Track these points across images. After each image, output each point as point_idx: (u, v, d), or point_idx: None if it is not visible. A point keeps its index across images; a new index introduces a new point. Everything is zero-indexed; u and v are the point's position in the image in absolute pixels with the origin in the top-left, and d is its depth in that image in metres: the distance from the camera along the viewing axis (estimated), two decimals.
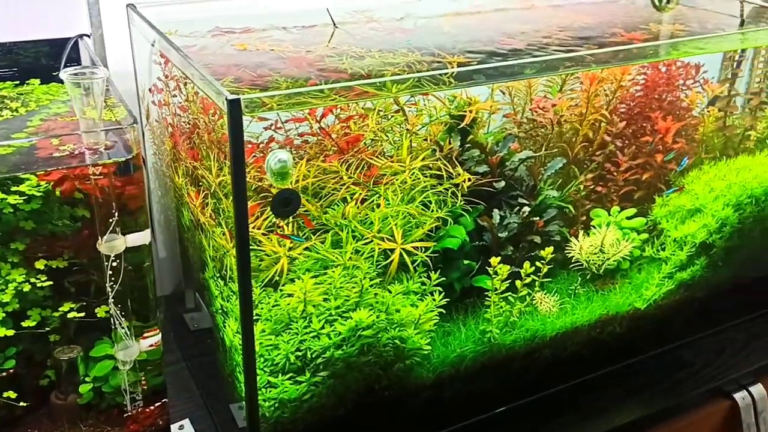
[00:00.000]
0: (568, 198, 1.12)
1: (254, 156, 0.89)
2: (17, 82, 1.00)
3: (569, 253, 1.09)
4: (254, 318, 0.86)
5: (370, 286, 0.91)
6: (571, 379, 1.14)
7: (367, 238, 0.89)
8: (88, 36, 1.03)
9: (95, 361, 0.90)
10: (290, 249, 0.87)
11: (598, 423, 1.10)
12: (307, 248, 0.88)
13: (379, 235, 0.89)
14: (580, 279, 1.12)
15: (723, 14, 1.40)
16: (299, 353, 0.88)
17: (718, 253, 1.19)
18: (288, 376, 0.88)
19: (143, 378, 0.92)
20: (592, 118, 1.10)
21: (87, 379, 0.90)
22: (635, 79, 1.17)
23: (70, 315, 0.87)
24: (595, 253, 1.10)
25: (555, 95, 1.12)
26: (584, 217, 1.13)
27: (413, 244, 0.91)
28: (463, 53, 1.03)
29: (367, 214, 0.90)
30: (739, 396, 1.20)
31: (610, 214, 1.14)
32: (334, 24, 1.11)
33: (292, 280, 0.88)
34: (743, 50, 1.25)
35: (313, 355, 0.88)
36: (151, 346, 0.91)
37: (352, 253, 0.89)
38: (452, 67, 0.96)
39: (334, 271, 0.88)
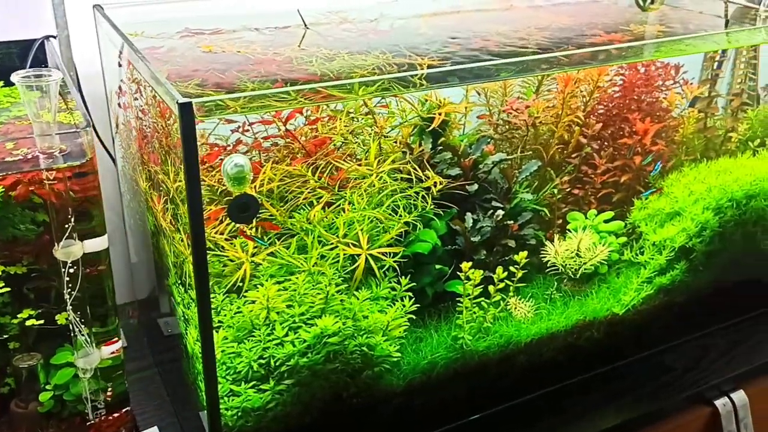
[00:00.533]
0: (543, 201, 1.10)
1: (221, 159, 0.87)
2: None
3: (545, 257, 1.07)
4: (215, 326, 0.84)
5: (337, 292, 0.89)
6: (549, 385, 1.12)
7: (332, 243, 0.87)
8: (54, 37, 1.01)
9: (56, 368, 0.88)
10: (254, 255, 0.86)
11: (580, 427, 1.09)
12: (271, 254, 0.87)
13: (345, 240, 0.87)
14: (556, 284, 1.10)
15: (707, 14, 1.38)
16: (262, 361, 0.86)
17: (698, 257, 1.17)
18: (251, 384, 0.87)
19: (107, 386, 0.91)
20: (567, 119, 1.09)
21: (47, 387, 0.88)
22: (613, 80, 1.15)
23: (29, 322, 0.85)
24: (572, 258, 1.09)
25: (530, 97, 1.10)
26: (560, 221, 1.12)
27: (379, 249, 0.89)
28: (435, 55, 1.01)
29: (333, 219, 0.88)
30: (720, 402, 1.18)
31: (587, 218, 1.12)
32: (306, 25, 1.09)
33: (257, 287, 0.86)
34: (724, 51, 1.23)
35: (277, 363, 0.87)
36: (113, 353, 0.89)
37: (317, 258, 0.88)
38: (422, 69, 0.94)
39: (298, 277, 0.86)
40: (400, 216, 0.92)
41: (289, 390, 0.89)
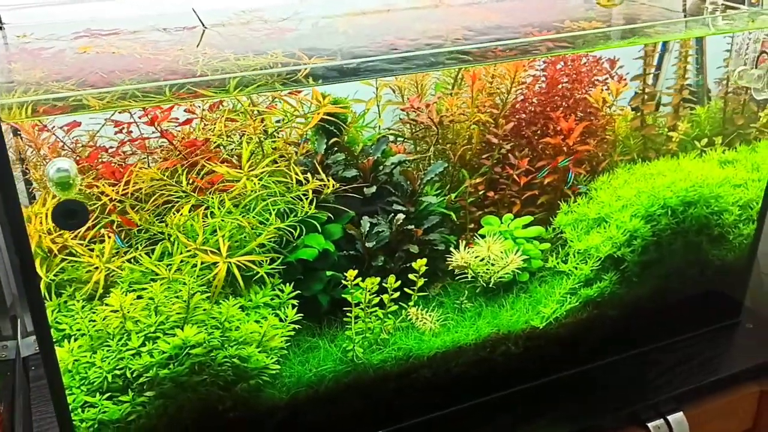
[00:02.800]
0: (455, 204, 1.04)
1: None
2: None
3: (449, 264, 1.01)
4: (69, 333, 0.82)
5: (203, 299, 0.85)
6: (459, 403, 1.06)
7: (190, 250, 0.83)
8: None
9: None
10: (108, 261, 0.82)
11: None
12: (129, 260, 0.83)
13: (203, 247, 0.83)
14: (467, 293, 1.04)
15: (663, 8, 1.29)
16: (118, 372, 0.83)
17: (630, 268, 1.09)
18: (107, 395, 0.83)
19: None
20: (476, 118, 1.02)
21: None
22: (535, 77, 1.08)
23: None
24: (483, 265, 1.02)
25: (437, 93, 1.05)
26: (473, 225, 1.05)
27: (242, 258, 0.85)
28: (340, 54, 0.97)
29: (195, 224, 0.85)
30: (654, 425, 1.09)
31: (502, 222, 1.06)
32: (203, 25, 1.06)
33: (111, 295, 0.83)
34: (664, 46, 1.15)
35: (134, 375, 0.83)
36: None
37: (179, 265, 0.84)
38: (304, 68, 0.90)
39: (154, 285, 0.83)
40: (270, 222, 0.87)
41: (151, 402, 0.85)
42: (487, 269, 1.03)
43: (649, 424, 1.09)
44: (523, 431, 1.04)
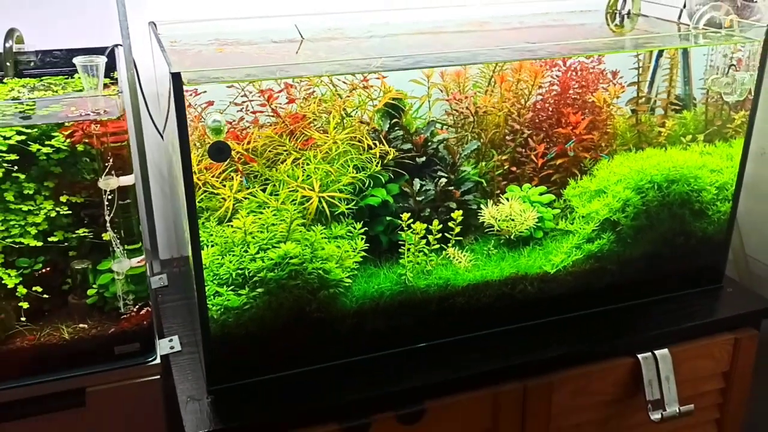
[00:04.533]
0: (485, 176, 1.37)
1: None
2: (67, 76, 1.38)
3: (480, 219, 1.33)
4: (205, 243, 1.17)
5: (300, 225, 1.20)
6: (485, 328, 1.37)
7: (292, 187, 1.18)
8: (120, 45, 1.40)
9: (100, 273, 1.23)
10: (237, 192, 1.18)
11: (506, 359, 1.32)
12: (250, 194, 1.19)
13: (302, 185, 1.18)
14: (493, 242, 1.35)
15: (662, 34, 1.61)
16: (239, 272, 1.18)
17: (624, 230, 1.39)
18: (231, 288, 1.18)
19: (134, 289, 1.24)
20: (505, 110, 1.35)
21: (94, 286, 1.23)
22: (552, 81, 1.41)
23: (84, 237, 1.20)
24: (506, 222, 1.34)
25: (474, 90, 1.38)
26: (499, 191, 1.37)
27: (330, 193, 1.19)
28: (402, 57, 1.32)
29: (295, 171, 1.20)
30: (643, 356, 1.37)
31: (521, 190, 1.37)
32: (302, 36, 1.43)
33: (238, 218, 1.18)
34: (657, 59, 1.46)
35: (250, 275, 1.18)
36: (138, 263, 1.23)
37: (284, 198, 1.19)
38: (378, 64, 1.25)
39: (266, 211, 1.18)
40: (348, 172, 1.21)
41: (260, 297, 1.19)
42: (508, 225, 1.34)
43: (639, 355, 1.38)
44: (535, 352, 1.34)
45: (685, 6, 1.52)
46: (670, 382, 1.39)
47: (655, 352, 1.39)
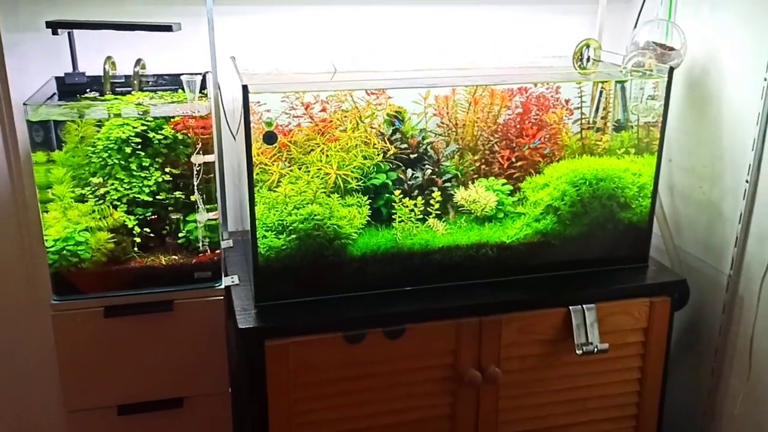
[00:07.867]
0: (462, 170, 1.89)
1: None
2: (173, 92, 1.99)
3: (455, 200, 1.85)
4: (256, 201, 1.73)
5: (322, 192, 1.75)
6: (458, 280, 1.87)
7: (319, 167, 1.74)
8: (210, 72, 2.00)
9: (187, 222, 1.81)
10: (282, 169, 1.74)
11: (473, 299, 1.81)
12: (290, 170, 1.75)
13: (325, 165, 1.73)
14: (464, 218, 1.87)
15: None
16: (280, 222, 1.73)
17: (564, 215, 1.88)
18: (274, 233, 1.73)
19: (210, 235, 1.81)
20: (475, 123, 1.88)
21: (183, 231, 1.81)
22: (516, 104, 1.93)
23: (179, 197, 1.79)
24: (473, 202, 1.85)
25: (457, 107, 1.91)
26: (471, 182, 1.89)
27: (343, 171, 1.74)
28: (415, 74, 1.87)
29: (321, 157, 1.75)
30: (574, 308, 1.84)
31: (487, 181, 1.89)
32: (335, 69, 2.00)
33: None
34: (601, 90, 1.96)
35: (287, 225, 1.73)
36: (213, 217, 1.80)
37: (312, 174, 1.74)
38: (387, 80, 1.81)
39: (299, 182, 1.73)
40: (358, 159, 1.76)
41: (293, 241, 1.74)
42: (474, 205, 1.85)
43: (570, 307, 1.85)
44: (489, 297, 1.83)
45: (625, 54, 2.02)
46: (594, 329, 1.85)
47: (584, 306, 1.86)
